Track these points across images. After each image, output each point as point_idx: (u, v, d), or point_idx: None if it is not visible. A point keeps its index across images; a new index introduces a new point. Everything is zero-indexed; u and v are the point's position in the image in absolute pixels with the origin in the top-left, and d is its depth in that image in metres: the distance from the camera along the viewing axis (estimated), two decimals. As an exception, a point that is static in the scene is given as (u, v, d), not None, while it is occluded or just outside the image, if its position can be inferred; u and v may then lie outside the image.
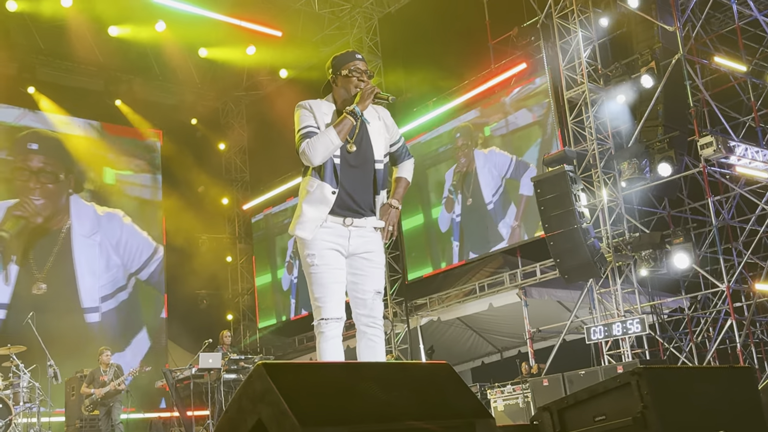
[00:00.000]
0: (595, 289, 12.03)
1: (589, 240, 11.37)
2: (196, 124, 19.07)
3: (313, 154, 3.75)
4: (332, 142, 3.76)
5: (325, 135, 3.77)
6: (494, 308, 14.08)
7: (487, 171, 14.53)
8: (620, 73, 12.06)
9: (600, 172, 12.11)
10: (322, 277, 3.76)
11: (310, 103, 3.92)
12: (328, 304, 3.75)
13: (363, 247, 3.87)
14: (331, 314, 3.74)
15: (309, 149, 3.76)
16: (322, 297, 3.75)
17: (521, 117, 14.11)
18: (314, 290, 3.76)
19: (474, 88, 14.79)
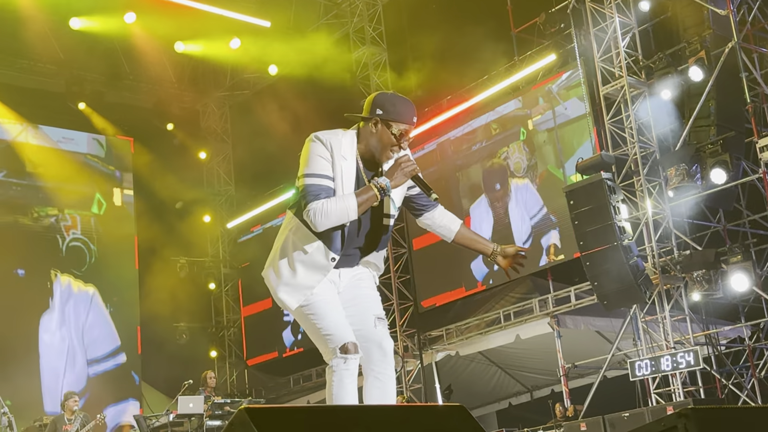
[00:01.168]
0: (640, 316, 12.00)
1: (631, 259, 11.36)
2: (172, 129, 19.16)
3: (322, 222, 3.68)
4: (348, 216, 3.70)
5: (342, 203, 3.67)
6: (522, 340, 14.06)
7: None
8: (665, 64, 12.08)
9: (643, 180, 12.11)
10: (322, 307, 3.81)
11: (330, 140, 3.79)
12: (340, 329, 3.77)
13: (352, 276, 3.99)
14: (347, 337, 3.75)
15: (321, 215, 3.67)
16: (333, 324, 3.77)
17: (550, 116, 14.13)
18: (321, 324, 3.79)
19: (494, 84, 14.83)
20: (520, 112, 14.77)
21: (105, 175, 18.10)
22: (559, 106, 14.18)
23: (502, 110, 14.98)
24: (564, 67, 13.91)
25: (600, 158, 12.01)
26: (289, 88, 17.56)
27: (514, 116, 14.84)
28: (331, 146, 3.77)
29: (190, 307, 18.20)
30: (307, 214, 3.67)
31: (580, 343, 13.85)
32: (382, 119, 3.79)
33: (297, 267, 3.81)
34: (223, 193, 20.06)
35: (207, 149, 19.93)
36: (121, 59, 17.61)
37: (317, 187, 3.69)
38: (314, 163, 3.73)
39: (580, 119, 13.74)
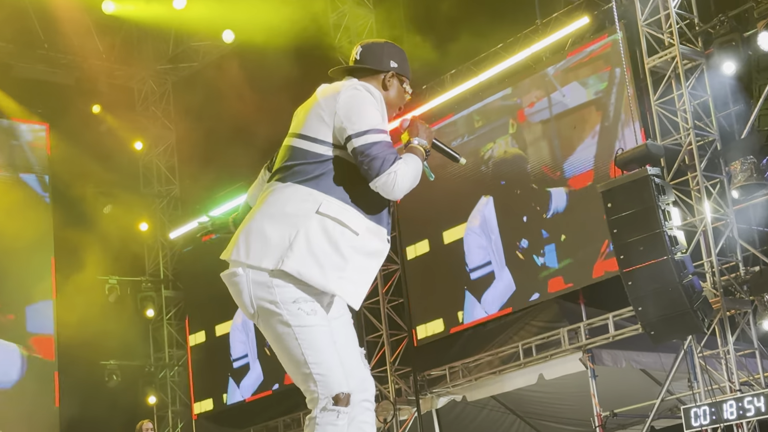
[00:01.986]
0: (696, 351, 12.02)
1: (685, 278, 11.38)
2: (99, 112, 19.14)
3: (403, 188, 3.77)
4: (417, 180, 3.87)
5: (415, 166, 3.84)
6: (547, 382, 14.07)
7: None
8: (727, 30, 12.12)
9: (700, 176, 12.15)
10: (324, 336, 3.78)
11: (379, 95, 3.94)
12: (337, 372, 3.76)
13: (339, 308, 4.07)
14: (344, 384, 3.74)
15: (404, 180, 3.77)
16: (326, 361, 3.75)
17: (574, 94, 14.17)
18: (309, 355, 3.74)
19: (510, 55, 14.86)
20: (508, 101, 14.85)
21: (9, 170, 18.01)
22: (556, 92, 14.24)
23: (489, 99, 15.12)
24: (599, 33, 13.93)
25: (645, 149, 12.02)
26: (248, 60, 17.54)
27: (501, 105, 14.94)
28: (381, 101, 3.93)
29: (121, 341, 18.15)
30: (388, 179, 3.70)
31: (621, 385, 13.87)
32: (397, 73, 4.05)
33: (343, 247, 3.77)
34: (165, 194, 20.04)
35: (144, 138, 19.91)
36: (33, 23, 17.57)
37: (388, 144, 3.76)
38: (374, 116, 3.82)
39: (581, 109, 13.81)
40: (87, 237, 17.77)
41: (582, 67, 14.14)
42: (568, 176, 14.20)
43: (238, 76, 17.62)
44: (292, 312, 3.73)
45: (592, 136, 13.95)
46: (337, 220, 3.76)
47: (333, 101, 3.86)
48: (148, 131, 20.02)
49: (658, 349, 12.97)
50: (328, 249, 3.75)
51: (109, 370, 18.21)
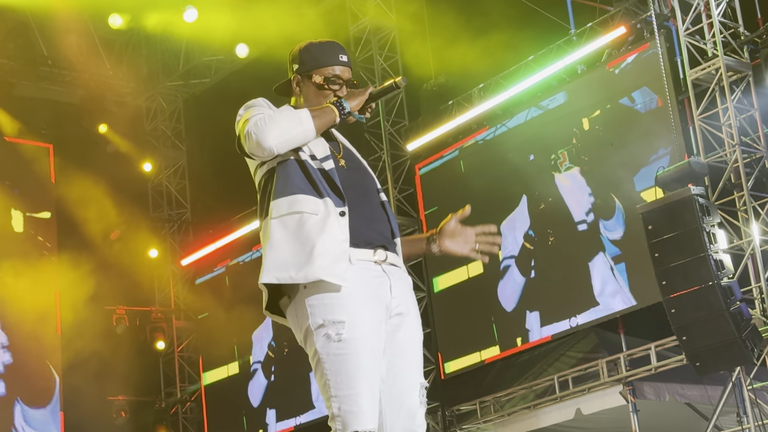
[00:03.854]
0: (745, 383, 11.99)
1: (733, 305, 11.38)
2: (105, 132, 19.20)
3: (266, 133, 3.79)
4: (302, 125, 3.84)
5: (292, 114, 3.87)
6: (585, 417, 14.04)
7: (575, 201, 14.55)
8: (775, 39, 12.16)
9: (747, 196, 12.16)
10: (346, 361, 3.69)
11: (266, 101, 4.02)
12: (363, 407, 3.67)
13: (401, 303, 3.90)
14: (367, 425, 3.67)
15: (263, 123, 3.81)
16: (349, 396, 3.67)
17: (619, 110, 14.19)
18: (331, 383, 3.70)
19: (542, 67, 14.89)
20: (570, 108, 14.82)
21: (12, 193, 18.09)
22: (624, 98, 14.23)
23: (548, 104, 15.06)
24: (637, 43, 13.96)
25: (688, 166, 12.03)
26: (263, 76, 17.54)
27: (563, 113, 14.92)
28: (267, 103, 4.00)
29: (130, 375, 18.18)
30: (247, 132, 3.81)
31: (665, 420, 13.83)
32: (302, 74, 4.10)
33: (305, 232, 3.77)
34: (176, 218, 20.09)
35: (153, 159, 19.94)
36: (36, 39, 17.72)
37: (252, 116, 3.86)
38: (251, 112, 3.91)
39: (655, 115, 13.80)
40: (93, 265, 17.80)
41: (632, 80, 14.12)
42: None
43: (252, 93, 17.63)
44: (318, 335, 3.72)
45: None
46: (290, 213, 3.81)
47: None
48: (158, 152, 20.06)
49: (704, 381, 12.95)
50: (295, 244, 3.77)
51: (117, 406, 18.23)
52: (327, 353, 3.69)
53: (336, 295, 3.73)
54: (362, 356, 3.70)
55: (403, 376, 3.86)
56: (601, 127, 14.44)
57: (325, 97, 4.04)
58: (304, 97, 4.08)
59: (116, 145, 19.34)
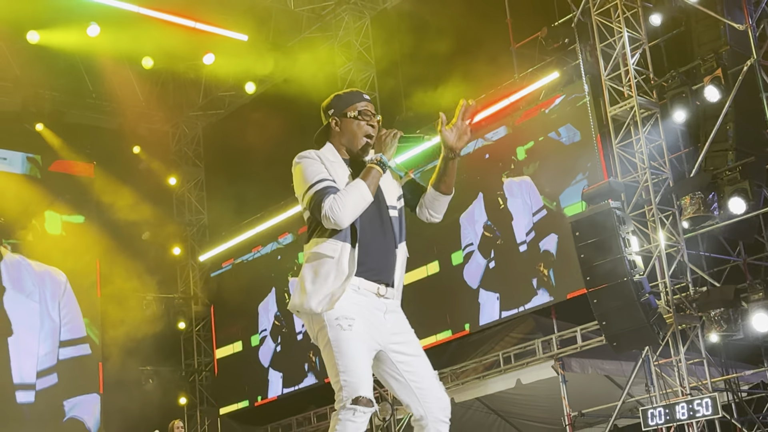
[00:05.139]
0: (652, 359, 12.03)
1: (643, 296, 11.40)
2: (139, 153, 19.18)
3: (343, 214, 3.86)
4: (363, 198, 3.91)
5: (354, 189, 3.91)
6: (524, 385, 14.03)
7: (520, 204, 14.55)
8: (678, 83, 12.18)
9: (655, 209, 12.19)
10: (353, 346, 3.87)
11: (313, 152, 4.07)
12: (363, 379, 3.85)
13: (397, 327, 4.11)
14: (366, 392, 3.83)
15: (338, 208, 3.86)
16: (353, 370, 3.84)
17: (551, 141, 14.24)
18: (340, 362, 3.86)
19: (493, 103, 14.93)
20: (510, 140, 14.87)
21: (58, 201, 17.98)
22: (552, 132, 14.31)
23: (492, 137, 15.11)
24: (568, 86, 14.01)
25: (608, 185, 12.07)
26: (268, 108, 17.61)
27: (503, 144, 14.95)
28: (317, 156, 4.05)
29: (157, 349, 18.12)
30: (325, 215, 3.86)
31: (588, 389, 13.84)
32: (336, 115, 4.15)
33: (323, 273, 3.92)
34: (195, 222, 20.05)
35: (177, 174, 19.94)
36: (83, 76, 17.67)
37: (321, 189, 3.90)
38: (309, 175, 3.97)
39: (576, 147, 13.87)
40: (127, 259, 17.77)
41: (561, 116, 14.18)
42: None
43: (258, 122, 17.69)
44: (331, 325, 3.89)
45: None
46: (316, 255, 3.96)
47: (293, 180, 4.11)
48: (181, 169, 20.05)
49: (619, 357, 12.97)
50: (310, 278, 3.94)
51: (146, 375, 18.17)
52: (337, 339, 3.86)
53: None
54: (362, 345, 3.90)
55: (423, 372, 4.08)
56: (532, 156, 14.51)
57: (360, 128, 4.13)
58: (341, 131, 4.14)
59: (147, 163, 19.34)
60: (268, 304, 18.25)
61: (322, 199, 3.87)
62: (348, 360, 3.85)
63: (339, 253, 3.92)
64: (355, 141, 4.13)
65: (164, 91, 19.07)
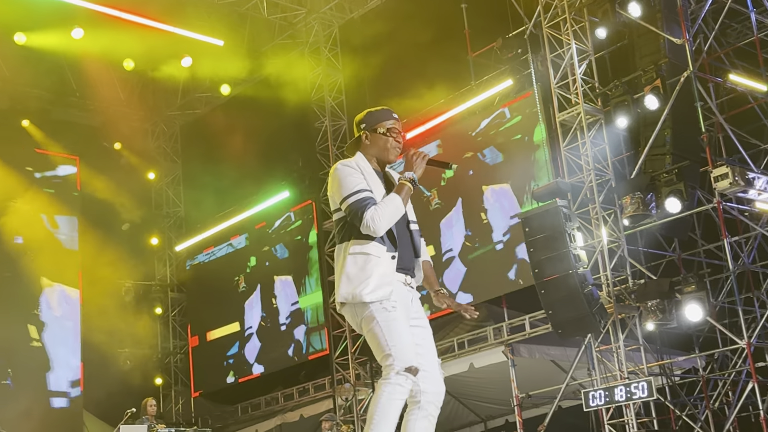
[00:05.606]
0: (594, 346, 12.11)
1: (586, 288, 11.46)
2: (120, 149, 18.99)
3: (381, 225, 4.12)
4: (398, 211, 4.17)
5: (391, 203, 4.16)
6: (476, 369, 14.08)
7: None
8: (621, 92, 12.28)
9: (598, 207, 12.27)
10: (399, 324, 4.13)
11: (357, 162, 4.29)
12: (410, 351, 4.10)
13: (418, 312, 4.37)
14: (415, 362, 4.08)
15: (378, 218, 4.11)
16: (402, 344, 4.08)
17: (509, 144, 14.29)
18: (390, 339, 4.09)
19: (451, 108, 14.94)
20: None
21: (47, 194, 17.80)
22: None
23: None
24: (520, 92, 14.06)
25: (556, 185, 12.14)
26: (241, 109, 17.53)
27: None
28: (357, 166, 4.25)
29: (135, 333, 17.96)
30: (365, 224, 4.10)
31: (535, 373, 13.91)
32: (367, 130, 4.35)
33: (369, 268, 4.14)
34: (172, 215, 19.90)
35: (156, 170, 19.78)
36: (68, 76, 17.46)
37: (362, 200, 4.13)
38: (349, 184, 4.18)
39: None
40: (108, 248, 17.61)
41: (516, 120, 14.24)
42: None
43: (232, 122, 17.60)
44: (378, 309, 4.12)
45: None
46: (362, 253, 4.17)
47: (328, 183, 4.31)
48: (159, 164, 19.89)
49: (564, 344, 13.04)
50: (358, 273, 4.15)
51: (124, 356, 18.01)
52: (386, 320, 4.11)
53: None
54: (405, 323, 4.18)
55: (430, 356, 4.32)
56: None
57: (389, 143, 4.33)
58: (371, 144, 4.34)
59: (128, 159, 19.16)
60: (253, 304, 18.11)
61: (363, 209, 4.10)
62: (397, 336, 4.09)
63: (384, 253, 4.17)
64: (384, 154, 4.33)
65: (144, 91, 18.89)
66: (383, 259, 4.16)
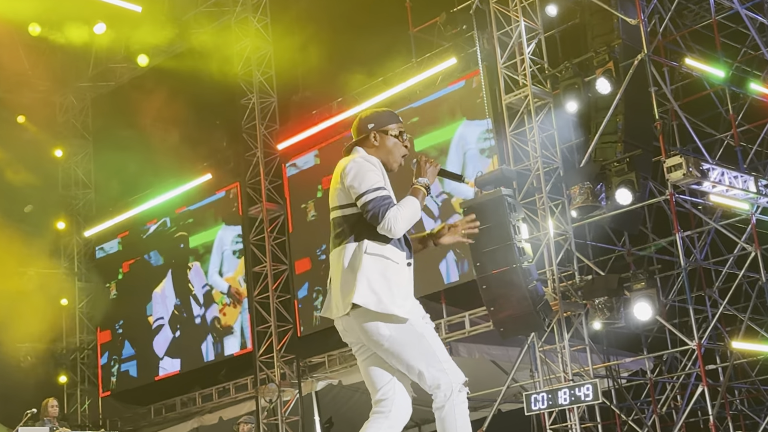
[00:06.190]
0: (538, 345, 12.23)
1: (530, 283, 11.56)
2: (23, 123, 18.63)
3: (400, 227, 4.18)
4: (416, 215, 4.26)
5: (411, 205, 4.25)
6: (411, 369, 14.12)
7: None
8: (571, 74, 12.41)
9: (545, 197, 12.37)
10: (435, 337, 4.26)
11: (376, 160, 4.34)
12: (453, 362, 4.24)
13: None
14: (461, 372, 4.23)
15: (399, 221, 4.17)
16: (447, 358, 4.23)
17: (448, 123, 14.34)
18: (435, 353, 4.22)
19: (390, 87, 14.93)
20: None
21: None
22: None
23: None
24: (465, 72, 14.10)
25: (500, 172, 12.19)
26: (160, 82, 17.29)
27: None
28: (378, 164, 4.31)
29: (37, 326, 17.62)
30: (386, 224, 4.14)
31: (474, 373, 13.79)
32: (376, 130, 4.40)
33: (389, 276, 4.19)
34: (81, 197, 19.58)
35: (64, 147, 19.47)
36: (-36, 41, 17.04)
37: (381, 198, 4.17)
38: (369, 179, 4.22)
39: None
40: (8, 232, 17.22)
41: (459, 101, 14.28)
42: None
43: (150, 96, 17.36)
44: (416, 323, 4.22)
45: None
46: (381, 256, 4.20)
47: (343, 174, 4.28)
48: (68, 141, 19.58)
49: (505, 343, 13.13)
50: (381, 282, 4.17)
51: (23, 352, 17.69)
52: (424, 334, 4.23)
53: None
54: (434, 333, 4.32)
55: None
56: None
57: (397, 146, 4.41)
58: (379, 146, 4.40)
59: (32, 134, 18.80)
60: (165, 291, 17.93)
61: (385, 209, 4.15)
62: (440, 350, 4.22)
63: (402, 260, 4.26)
64: (390, 158, 4.40)
65: (52, 59, 18.49)
66: (401, 267, 4.25)
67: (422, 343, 4.19)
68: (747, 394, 14.36)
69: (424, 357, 4.18)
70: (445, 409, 4.18)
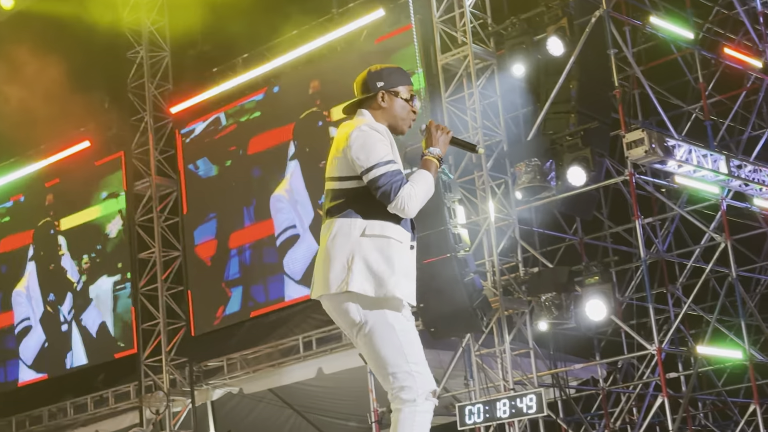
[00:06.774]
0: (474, 349, 12.26)
1: (467, 276, 11.56)
2: None
3: (414, 206, 4.25)
4: (431, 192, 4.35)
5: (425, 182, 4.32)
6: (326, 376, 14.11)
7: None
8: (518, 32, 12.42)
9: (486, 176, 12.38)
10: (417, 337, 4.35)
11: (383, 128, 4.38)
12: (429, 371, 4.34)
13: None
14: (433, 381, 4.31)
15: (413, 199, 4.24)
16: (423, 362, 4.31)
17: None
18: (409, 352, 4.29)
19: (306, 42, 14.82)
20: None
21: None
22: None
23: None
24: (395, 26, 14.03)
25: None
26: (29, 29, 16.92)
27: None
28: (386, 134, 4.35)
29: None
30: (399, 203, 4.21)
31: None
32: (386, 90, 4.45)
33: (391, 255, 4.27)
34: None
35: None
36: None
37: (393, 173, 4.23)
38: (378, 151, 4.26)
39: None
40: None
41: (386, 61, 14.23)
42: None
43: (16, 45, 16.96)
44: (403, 315, 4.36)
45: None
46: (382, 236, 4.28)
47: (346, 143, 4.31)
48: None
49: (437, 346, 13.12)
50: (382, 263, 4.26)
51: None
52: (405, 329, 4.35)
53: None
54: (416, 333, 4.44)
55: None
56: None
57: (405, 110, 4.45)
58: (387, 108, 4.44)
59: None
60: (30, 289, 17.62)
61: (398, 186, 4.20)
62: (417, 351, 4.30)
63: (406, 240, 4.35)
64: (398, 123, 4.44)
65: None
66: (405, 246, 4.34)
67: (401, 338, 4.29)
68: (712, 407, 14.63)
69: (407, 356, 4.28)
70: (403, 412, 4.24)
